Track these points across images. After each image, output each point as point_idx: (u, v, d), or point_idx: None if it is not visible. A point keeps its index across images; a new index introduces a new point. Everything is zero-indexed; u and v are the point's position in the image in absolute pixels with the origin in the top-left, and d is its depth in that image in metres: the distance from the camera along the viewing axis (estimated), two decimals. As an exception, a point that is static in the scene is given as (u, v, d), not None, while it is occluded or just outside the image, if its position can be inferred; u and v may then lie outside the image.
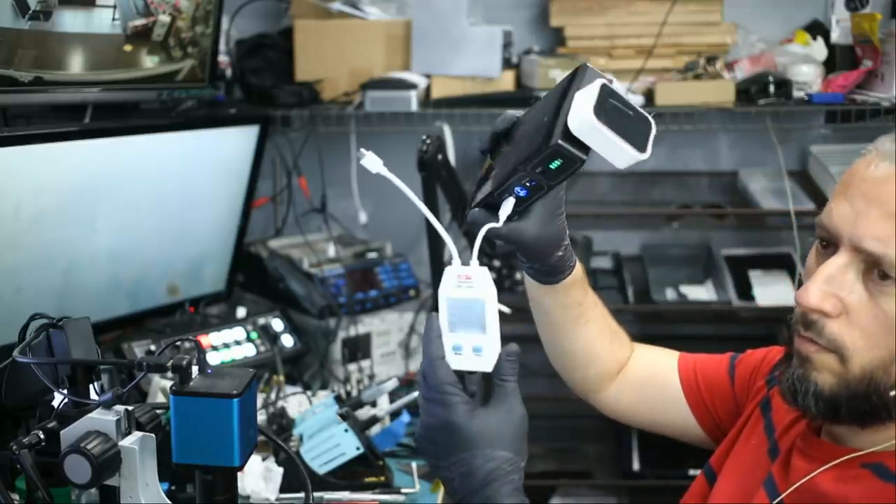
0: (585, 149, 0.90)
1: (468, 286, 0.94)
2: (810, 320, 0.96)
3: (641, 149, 0.90)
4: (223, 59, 2.35)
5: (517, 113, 1.04)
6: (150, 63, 1.95)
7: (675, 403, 1.29)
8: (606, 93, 0.90)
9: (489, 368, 0.95)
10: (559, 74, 2.31)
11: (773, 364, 1.20)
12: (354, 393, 1.90)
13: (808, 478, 1.00)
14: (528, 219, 1.02)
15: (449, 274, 0.95)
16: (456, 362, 0.95)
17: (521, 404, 0.96)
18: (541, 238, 1.05)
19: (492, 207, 1.00)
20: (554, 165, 0.92)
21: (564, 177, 0.94)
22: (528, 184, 0.95)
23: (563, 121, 0.90)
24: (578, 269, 1.18)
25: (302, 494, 1.40)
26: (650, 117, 0.93)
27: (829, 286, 0.94)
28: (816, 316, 0.95)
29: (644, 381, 1.32)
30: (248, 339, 2.03)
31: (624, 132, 0.89)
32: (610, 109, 0.89)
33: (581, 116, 0.88)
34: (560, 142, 0.89)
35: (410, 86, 2.31)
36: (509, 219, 0.99)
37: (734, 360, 1.28)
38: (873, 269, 0.92)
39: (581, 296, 1.21)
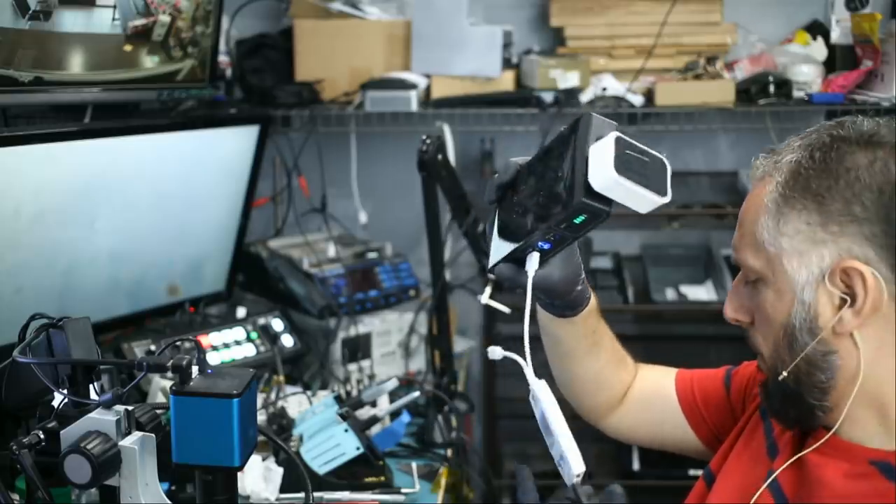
0: (608, 201, 0.92)
1: (535, 400, 0.96)
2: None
3: (662, 193, 0.92)
4: (223, 59, 2.35)
5: (520, 160, 1.06)
6: (150, 63, 1.95)
7: (674, 419, 1.32)
8: (622, 145, 0.91)
9: (579, 471, 0.93)
10: (559, 74, 2.31)
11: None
12: (354, 393, 1.90)
13: (792, 458, 1.04)
14: (551, 264, 1.06)
15: (530, 396, 0.97)
16: (563, 474, 0.94)
17: None
18: (564, 278, 1.10)
19: (513, 261, 1.03)
20: (578, 220, 0.94)
21: (589, 229, 0.96)
22: (552, 238, 0.98)
23: (583, 178, 0.91)
24: (593, 300, 1.23)
25: (302, 494, 1.40)
26: (664, 158, 0.95)
27: (737, 298, 1.08)
28: (737, 324, 1.08)
29: (644, 401, 1.35)
30: (248, 339, 2.03)
31: (645, 181, 0.91)
32: (628, 161, 0.91)
33: (603, 173, 0.90)
34: (584, 199, 0.91)
35: (410, 86, 2.31)
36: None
37: (730, 371, 1.31)
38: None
39: (595, 324, 1.25)
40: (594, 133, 0.93)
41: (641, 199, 0.92)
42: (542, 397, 0.94)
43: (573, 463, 0.91)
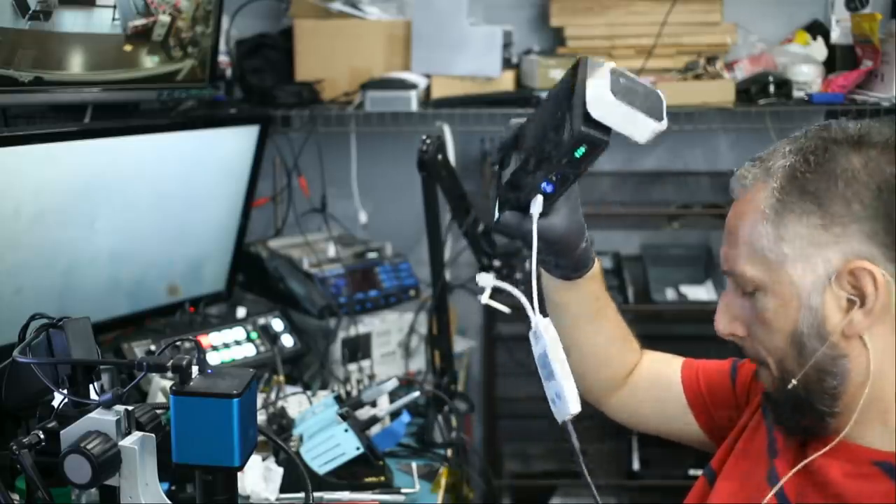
0: (607, 130, 0.94)
1: (536, 338, 0.96)
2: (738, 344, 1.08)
3: (659, 118, 0.94)
4: (223, 59, 2.35)
5: (520, 120, 1.07)
6: (150, 63, 1.95)
7: (678, 406, 1.32)
8: (618, 74, 0.95)
9: (574, 410, 0.93)
10: (559, 74, 2.29)
11: None
12: (354, 393, 1.90)
13: (796, 460, 1.04)
14: (556, 214, 1.07)
15: (531, 333, 0.97)
16: (555, 412, 0.95)
17: None
18: (569, 231, 1.10)
19: (518, 209, 1.04)
20: (579, 153, 0.95)
21: (589, 163, 0.97)
22: (554, 178, 0.99)
23: (582, 107, 0.93)
24: (597, 264, 1.23)
25: (302, 494, 1.40)
26: (658, 91, 0.98)
27: (729, 311, 1.07)
28: (732, 339, 1.08)
29: (648, 385, 1.35)
30: (248, 339, 2.03)
31: (641, 106, 0.94)
32: (623, 88, 0.94)
33: (601, 99, 0.93)
34: (583, 128, 0.93)
35: (410, 86, 2.31)
36: (539, 216, 1.03)
37: (736, 363, 1.31)
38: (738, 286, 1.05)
39: (599, 290, 1.26)
40: (591, 70, 0.96)
41: (639, 125, 0.94)
42: (546, 334, 0.95)
43: (570, 402, 0.92)
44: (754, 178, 1.04)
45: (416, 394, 1.74)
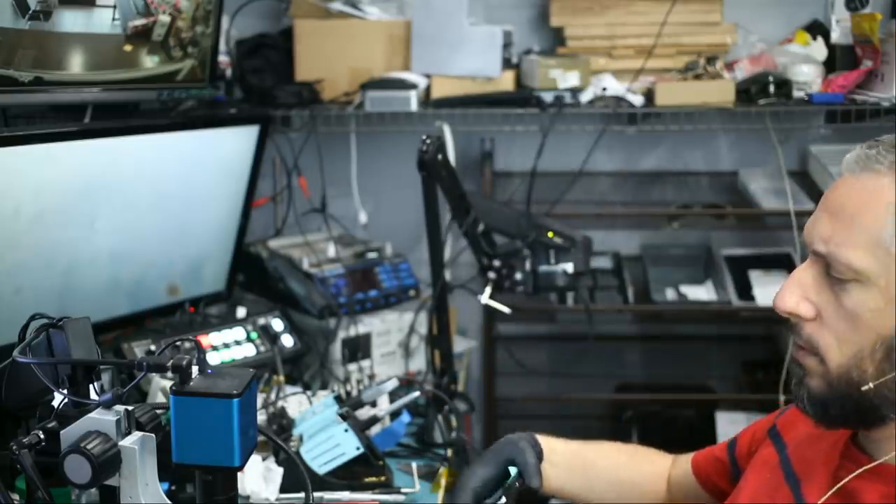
0: None
1: None
2: (792, 323, 1.01)
3: None
4: (223, 59, 2.35)
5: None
6: (150, 63, 1.95)
7: (701, 497, 1.37)
8: None
9: None
10: (559, 74, 2.31)
11: (771, 421, 1.25)
12: (354, 393, 1.89)
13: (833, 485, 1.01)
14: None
15: None
16: None
17: None
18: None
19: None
20: None
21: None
22: None
23: None
24: (544, 446, 1.36)
25: (302, 494, 1.40)
26: None
27: (800, 289, 0.99)
28: (795, 319, 1.00)
29: (679, 491, 1.40)
30: (248, 339, 2.03)
31: None
32: None
33: None
34: None
35: (410, 86, 2.31)
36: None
37: (734, 441, 1.34)
38: (830, 269, 0.96)
39: (568, 456, 1.38)
40: None
41: None
42: None
43: None
44: (891, 165, 0.94)
45: (416, 394, 1.74)
